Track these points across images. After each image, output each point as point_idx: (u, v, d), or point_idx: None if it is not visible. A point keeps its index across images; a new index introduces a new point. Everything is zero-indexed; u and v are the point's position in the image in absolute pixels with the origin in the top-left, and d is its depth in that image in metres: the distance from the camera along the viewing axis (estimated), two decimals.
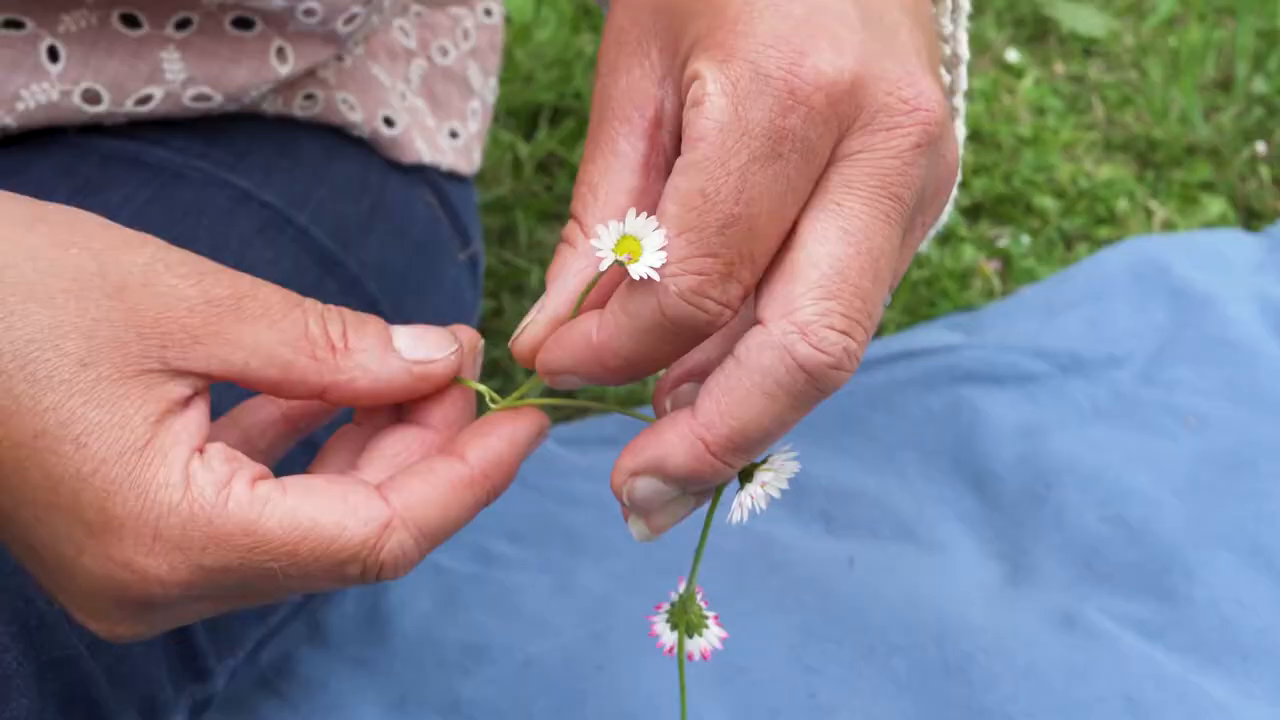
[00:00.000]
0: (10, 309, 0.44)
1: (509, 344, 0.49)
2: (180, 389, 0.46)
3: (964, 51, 0.58)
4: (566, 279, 0.48)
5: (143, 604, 0.46)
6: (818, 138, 0.43)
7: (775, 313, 0.44)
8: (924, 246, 0.51)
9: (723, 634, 0.49)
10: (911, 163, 0.44)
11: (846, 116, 0.44)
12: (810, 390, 0.44)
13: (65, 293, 0.45)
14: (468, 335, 0.51)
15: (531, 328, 0.48)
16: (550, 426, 0.52)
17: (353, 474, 0.49)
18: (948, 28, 0.57)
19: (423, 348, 0.49)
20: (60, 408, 0.44)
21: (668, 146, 0.48)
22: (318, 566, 0.46)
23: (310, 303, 0.48)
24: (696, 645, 0.49)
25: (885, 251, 0.44)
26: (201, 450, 0.46)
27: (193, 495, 0.45)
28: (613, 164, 0.48)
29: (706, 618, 0.49)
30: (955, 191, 0.59)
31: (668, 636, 0.49)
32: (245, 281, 0.47)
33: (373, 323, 0.49)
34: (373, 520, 0.46)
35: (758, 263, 0.44)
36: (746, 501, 0.47)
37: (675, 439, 0.45)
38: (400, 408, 0.52)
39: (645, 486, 0.46)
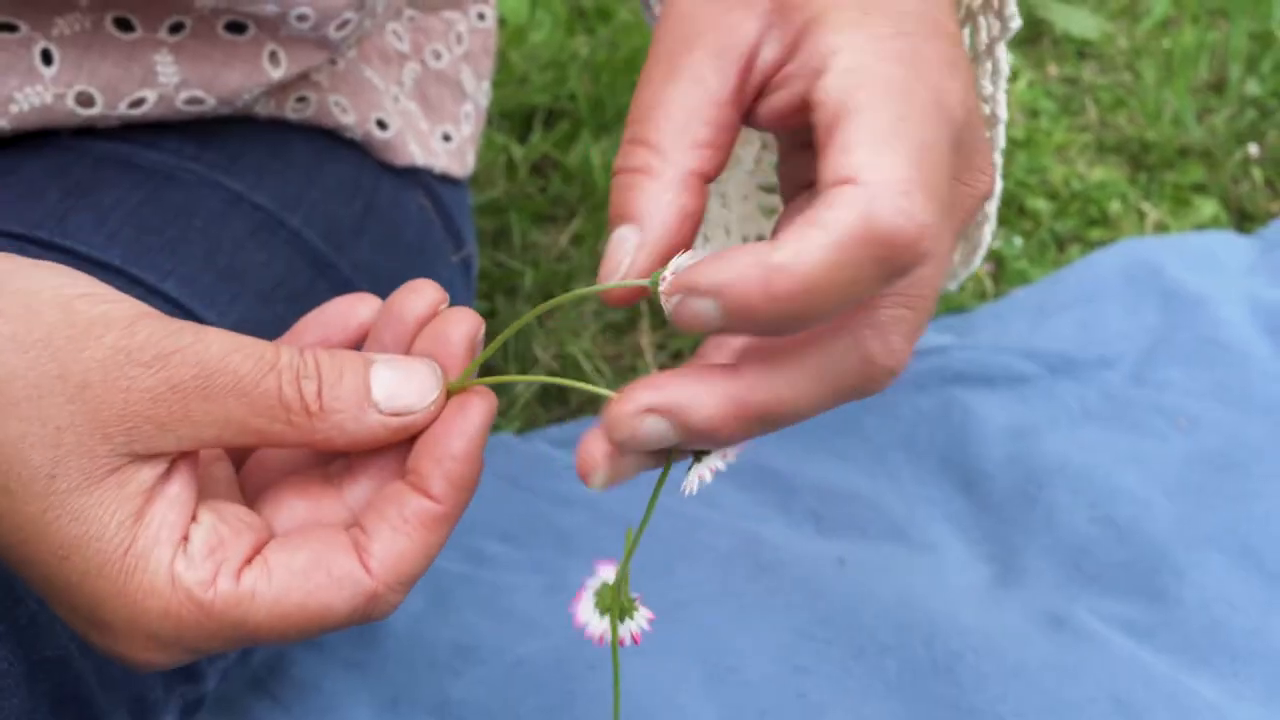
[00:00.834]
0: None
1: (600, 293, 0.45)
2: (154, 471, 0.46)
3: (1002, 113, 0.58)
4: (655, 210, 0.44)
5: (145, 669, 0.48)
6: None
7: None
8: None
9: (650, 614, 0.48)
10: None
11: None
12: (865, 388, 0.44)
13: (27, 400, 0.44)
14: (469, 323, 0.49)
15: (633, 264, 0.45)
16: (497, 405, 0.51)
17: (336, 529, 0.48)
18: (987, 89, 0.57)
19: (402, 397, 0.47)
20: (38, 520, 0.44)
21: (749, 94, 0.46)
22: (309, 637, 0.48)
23: (286, 360, 0.46)
24: (626, 630, 0.48)
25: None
26: (186, 539, 0.46)
27: (180, 599, 0.45)
28: (693, 91, 0.45)
29: (634, 599, 0.48)
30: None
31: (596, 624, 0.48)
32: (214, 352, 0.45)
33: (350, 373, 0.47)
34: (358, 595, 0.47)
35: (942, 203, 0.41)
36: (705, 475, 0.46)
37: (705, 393, 0.43)
38: None
39: (654, 428, 0.44)
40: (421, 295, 0.50)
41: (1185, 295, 1.10)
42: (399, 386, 0.47)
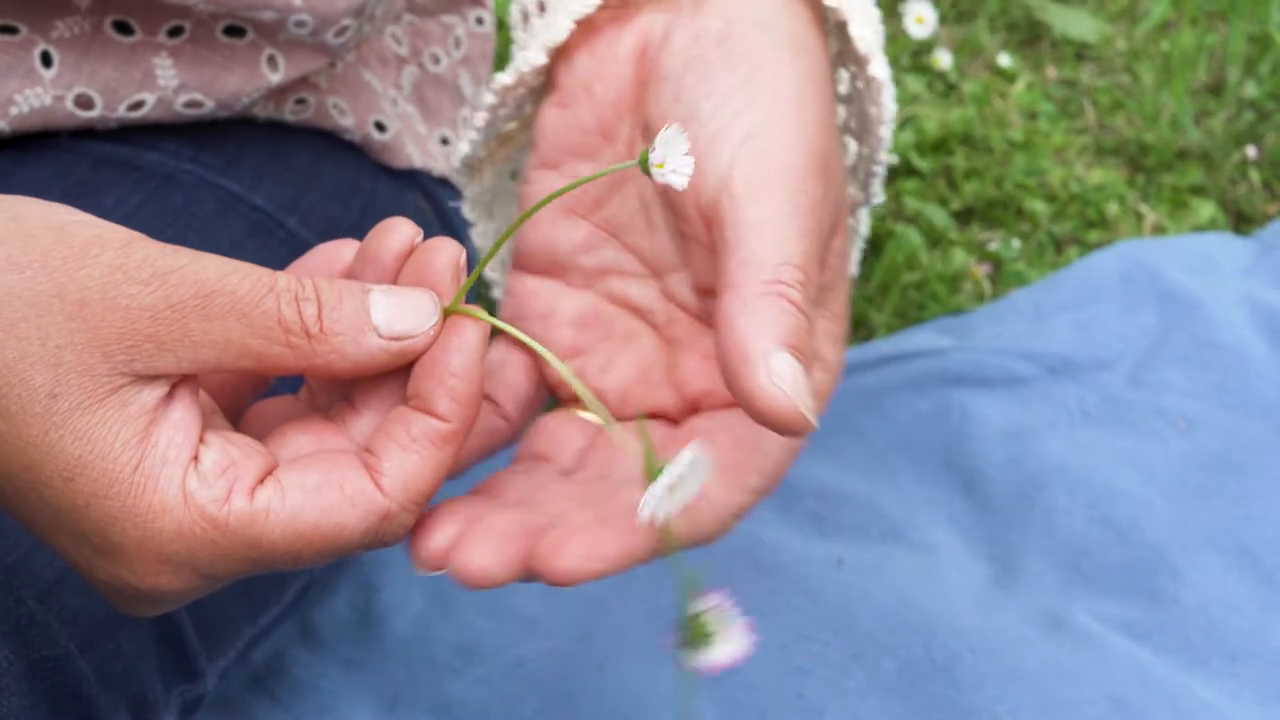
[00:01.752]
0: None
1: None
2: (155, 393, 0.45)
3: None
4: None
5: (156, 601, 0.48)
6: None
7: None
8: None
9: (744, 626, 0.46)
10: None
11: None
12: None
13: (25, 320, 0.44)
14: (450, 249, 0.49)
15: None
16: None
17: (346, 452, 0.48)
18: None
19: (401, 321, 0.48)
20: (40, 442, 0.44)
21: None
22: (322, 559, 0.47)
23: (284, 283, 0.46)
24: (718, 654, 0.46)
25: None
26: (197, 458, 0.45)
27: (193, 517, 0.45)
28: None
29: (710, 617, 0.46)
30: None
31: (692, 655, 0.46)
32: (211, 273, 0.45)
33: (349, 298, 0.47)
34: (371, 514, 0.47)
35: None
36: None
37: None
38: None
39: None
40: (396, 232, 0.50)
41: (1183, 297, 1.10)
42: (397, 312, 0.48)
